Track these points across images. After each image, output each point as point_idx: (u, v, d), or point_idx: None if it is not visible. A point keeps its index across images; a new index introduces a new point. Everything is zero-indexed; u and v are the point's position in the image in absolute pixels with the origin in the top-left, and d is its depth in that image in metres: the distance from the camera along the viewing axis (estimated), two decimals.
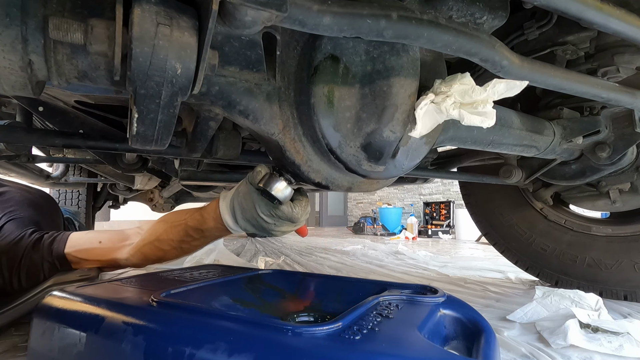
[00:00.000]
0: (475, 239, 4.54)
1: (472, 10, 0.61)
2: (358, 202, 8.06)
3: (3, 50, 0.41)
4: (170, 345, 0.49)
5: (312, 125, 0.59)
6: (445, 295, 0.67)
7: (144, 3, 0.40)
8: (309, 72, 0.57)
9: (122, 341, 0.52)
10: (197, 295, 0.69)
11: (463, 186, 1.78)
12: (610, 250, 1.35)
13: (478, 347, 0.54)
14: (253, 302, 0.69)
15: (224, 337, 0.47)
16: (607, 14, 0.56)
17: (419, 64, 0.60)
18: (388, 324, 0.52)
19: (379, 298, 0.63)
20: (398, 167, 0.66)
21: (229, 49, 0.52)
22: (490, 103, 0.53)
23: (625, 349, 0.81)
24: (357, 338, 0.46)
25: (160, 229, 0.88)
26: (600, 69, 0.90)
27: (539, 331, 0.97)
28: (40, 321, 0.61)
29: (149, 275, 0.84)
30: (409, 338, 0.48)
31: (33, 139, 0.81)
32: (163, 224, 0.88)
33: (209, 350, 0.46)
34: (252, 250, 2.86)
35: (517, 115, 0.93)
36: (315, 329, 0.47)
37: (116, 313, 0.56)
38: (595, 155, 1.09)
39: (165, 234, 0.86)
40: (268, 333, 0.47)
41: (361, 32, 0.46)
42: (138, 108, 0.46)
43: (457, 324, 0.62)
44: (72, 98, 0.89)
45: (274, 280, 0.86)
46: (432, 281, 1.70)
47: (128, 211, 3.42)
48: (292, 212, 0.69)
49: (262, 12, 0.39)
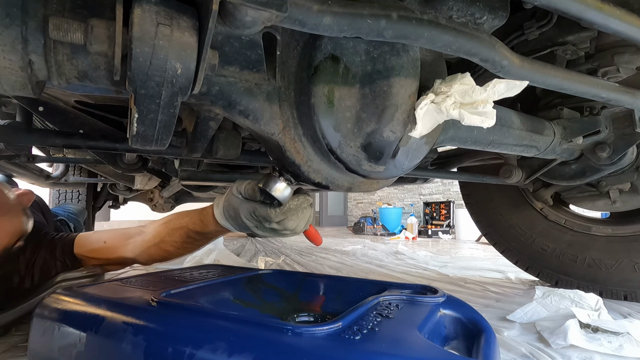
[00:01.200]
0: (475, 239, 4.54)
1: (472, 10, 0.61)
2: (358, 202, 8.06)
3: (3, 50, 0.41)
4: (170, 345, 0.49)
5: (312, 125, 0.59)
6: (445, 295, 0.67)
7: (144, 3, 0.40)
8: (309, 72, 0.57)
9: (122, 341, 0.52)
10: (197, 295, 0.69)
11: (463, 186, 1.78)
12: (610, 250, 1.35)
13: (478, 347, 0.54)
14: (253, 302, 0.69)
15: (224, 336, 0.47)
16: (607, 14, 0.56)
17: (419, 64, 0.60)
18: (388, 324, 0.52)
19: (379, 298, 0.63)
20: (398, 167, 0.66)
21: (229, 49, 0.52)
22: (491, 103, 0.53)
23: (625, 349, 0.81)
24: (357, 338, 0.46)
25: (164, 231, 0.92)
26: (600, 69, 0.90)
27: (539, 331, 0.97)
28: (40, 321, 0.61)
29: (149, 275, 0.84)
30: (409, 338, 0.48)
31: (33, 139, 0.81)
32: (165, 226, 0.93)
33: (209, 350, 0.46)
34: (252, 250, 2.86)
35: (517, 115, 0.93)
36: (315, 329, 0.47)
37: (116, 313, 0.56)
38: (595, 155, 1.09)
39: (169, 236, 0.91)
40: (268, 333, 0.47)
41: (361, 32, 0.46)
42: (138, 108, 0.46)
43: (457, 324, 0.62)
44: (72, 98, 0.89)
45: (274, 280, 0.86)
46: (432, 281, 1.70)
47: (128, 211, 3.42)
48: (275, 215, 0.69)
49: (262, 12, 0.39)
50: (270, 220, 0.69)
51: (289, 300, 0.73)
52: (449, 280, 1.73)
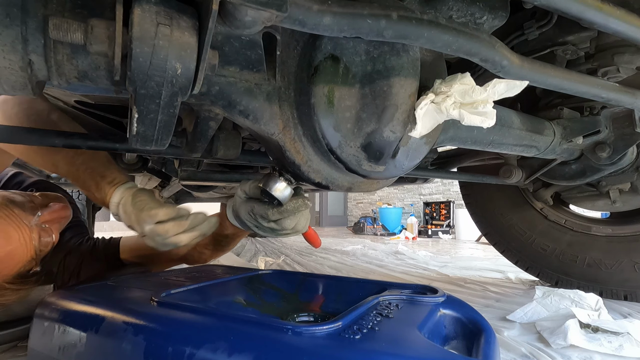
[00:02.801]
0: (475, 239, 4.54)
1: (472, 10, 0.61)
2: (358, 202, 8.06)
3: (3, 50, 0.40)
4: (170, 344, 0.49)
5: (312, 125, 0.59)
6: (445, 295, 0.67)
7: (144, 3, 0.40)
8: (309, 72, 0.57)
9: (123, 341, 0.52)
10: (198, 296, 0.69)
11: (463, 186, 1.78)
12: (610, 250, 1.35)
13: (478, 346, 0.54)
14: (253, 302, 0.69)
15: (224, 336, 0.47)
16: (607, 14, 0.56)
17: (419, 64, 0.60)
18: (388, 324, 0.52)
19: (378, 298, 0.63)
20: (398, 167, 0.66)
21: (229, 49, 0.52)
22: (491, 103, 0.53)
23: (625, 349, 0.81)
24: (357, 337, 0.46)
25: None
26: (600, 69, 0.89)
27: (539, 331, 0.97)
28: (40, 321, 0.61)
29: (149, 276, 0.84)
30: (409, 337, 0.48)
31: (33, 139, 0.81)
32: None
33: (209, 349, 0.46)
34: (252, 250, 2.86)
35: (517, 115, 0.93)
36: (316, 329, 0.47)
37: (117, 313, 0.56)
38: (595, 155, 1.09)
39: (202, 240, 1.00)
40: (268, 332, 0.47)
41: (361, 32, 0.46)
42: (138, 108, 0.46)
43: (457, 323, 0.62)
44: (72, 98, 0.89)
45: (274, 281, 0.86)
46: (432, 281, 1.70)
47: None
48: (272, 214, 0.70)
49: (262, 12, 0.39)
50: (268, 218, 0.70)
51: (289, 300, 0.73)
52: (449, 280, 1.73)
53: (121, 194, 0.77)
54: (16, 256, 0.75)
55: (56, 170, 0.82)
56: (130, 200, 0.74)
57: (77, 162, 0.79)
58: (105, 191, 0.78)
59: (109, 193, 0.78)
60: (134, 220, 0.73)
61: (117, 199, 0.77)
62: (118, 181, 0.79)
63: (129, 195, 0.76)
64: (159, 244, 0.73)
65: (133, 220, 0.73)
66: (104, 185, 0.78)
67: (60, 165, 0.80)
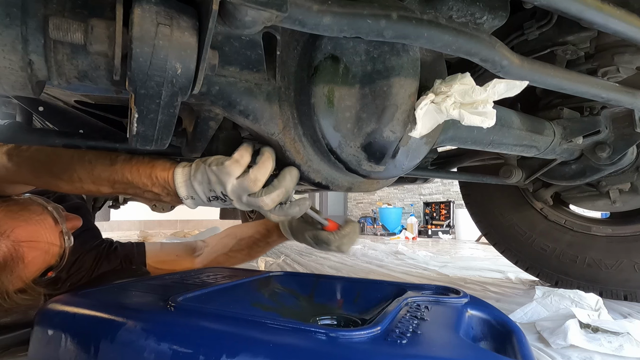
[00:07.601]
0: (475, 239, 4.54)
1: (472, 10, 0.61)
2: (358, 202, 8.06)
3: (3, 50, 0.41)
4: (201, 354, 0.45)
5: (312, 125, 0.59)
6: (468, 296, 0.65)
7: (144, 3, 0.40)
8: (309, 72, 0.57)
9: (144, 350, 0.48)
10: (214, 299, 0.65)
11: (463, 186, 1.78)
12: (610, 250, 1.34)
13: (513, 347, 0.53)
14: (272, 306, 0.67)
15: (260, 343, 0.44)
16: (607, 14, 0.56)
17: (419, 64, 0.60)
18: (426, 326, 0.49)
19: (406, 299, 0.60)
20: (398, 167, 0.66)
21: (229, 49, 0.52)
22: (491, 103, 0.53)
23: (625, 349, 0.81)
24: (404, 342, 0.43)
25: (231, 242, 1.11)
26: (600, 69, 0.89)
27: (539, 331, 0.97)
28: (42, 329, 0.57)
29: (155, 279, 0.82)
30: (454, 341, 0.46)
31: (33, 139, 0.81)
32: (231, 238, 1.12)
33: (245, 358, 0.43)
34: None
35: (517, 115, 0.93)
36: (354, 334, 0.44)
37: (132, 319, 0.52)
38: (595, 155, 1.09)
39: (237, 245, 1.09)
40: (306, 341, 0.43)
41: (361, 32, 0.46)
42: (138, 108, 0.46)
43: (484, 324, 0.60)
44: (72, 98, 0.89)
45: (286, 283, 0.83)
46: (432, 281, 1.70)
47: (128, 211, 3.42)
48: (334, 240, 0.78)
49: (262, 12, 0.39)
50: (330, 245, 0.78)
51: (306, 303, 0.71)
52: (449, 280, 1.73)
53: (182, 169, 0.68)
54: (47, 257, 0.82)
55: (98, 187, 0.74)
56: (201, 167, 0.65)
57: (116, 166, 0.71)
58: (165, 178, 0.68)
59: (169, 178, 0.68)
60: (215, 182, 0.63)
61: (181, 178, 0.67)
62: (170, 164, 0.70)
63: (194, 165, 0.67)
64: (268, 202, 0.62)
65: (214, 182, 0.64)
66: (159, 174, 0.69)
67: (102, 177, 0.72)
